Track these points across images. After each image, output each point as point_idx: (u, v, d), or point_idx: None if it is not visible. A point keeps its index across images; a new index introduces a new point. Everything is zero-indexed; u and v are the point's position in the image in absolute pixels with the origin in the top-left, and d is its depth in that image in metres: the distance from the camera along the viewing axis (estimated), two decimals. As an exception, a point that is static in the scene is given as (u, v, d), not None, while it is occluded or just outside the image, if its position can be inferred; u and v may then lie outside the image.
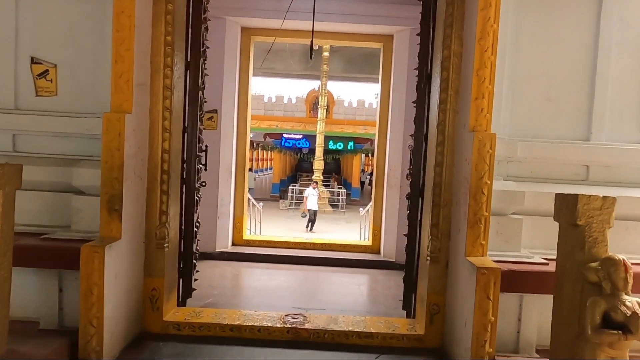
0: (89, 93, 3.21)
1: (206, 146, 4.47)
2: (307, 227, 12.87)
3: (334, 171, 30.77)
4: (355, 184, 22.16)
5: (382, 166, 6.29)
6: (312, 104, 21.15)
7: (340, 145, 21.72)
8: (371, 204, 9.09)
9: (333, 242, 6.44)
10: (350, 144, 21.65)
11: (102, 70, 3.06)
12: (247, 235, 6.54)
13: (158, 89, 3.19)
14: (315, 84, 20.49)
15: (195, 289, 3.88)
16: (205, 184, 4.48)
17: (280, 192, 21.67)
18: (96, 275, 2.60)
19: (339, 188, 19.87)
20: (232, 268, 5.48)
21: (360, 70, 19.98)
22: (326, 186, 19.51)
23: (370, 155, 37.53)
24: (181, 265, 3.62)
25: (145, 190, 3.20)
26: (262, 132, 21.69)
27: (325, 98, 17.94)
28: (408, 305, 3.62)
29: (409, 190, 3.60)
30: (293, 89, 21.94)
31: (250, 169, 39.44)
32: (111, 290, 2.72)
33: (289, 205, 17.99)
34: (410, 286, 3.62)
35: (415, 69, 3.64)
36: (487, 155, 2.73)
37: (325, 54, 17.03)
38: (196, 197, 3.79)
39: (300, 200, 18.70)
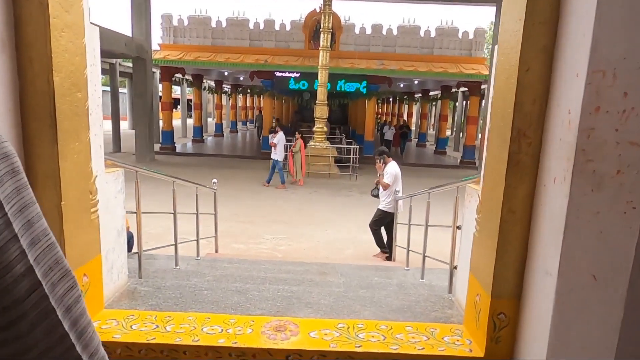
0: None
1: None
2: (384, 248, 6.03)
3: (340, 121, 26.03)
4: (369, 136, 17.47)
5: (517, 132, 1.75)
6: (313, 30, 16.07)
7: (359, 87, 16.72)
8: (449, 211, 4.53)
9: None
10: (353, 85, 16.69)
11: None
12: None
13: None
14: (315, 3, 15.33)
15: None
16: None
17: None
18: None
19: (348, 142, 15.28)
20: None
21: (378, -20, 14.68)
22: (331, 140, 14.94)
23: (381, 101, 32.29)
24: None
25: None
26: (248, 71, 16.79)
27: (330, 19, 12.92)
28: None
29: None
30: (287, 11, 16.81)
31: (244, 122, 34.79)
32: None
33: (282, 167, 13.53)
34: None
35: None
36: None
37: (330, -51, 11.86)
38: None
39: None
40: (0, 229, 0.47)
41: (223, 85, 26.49)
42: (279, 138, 11.50)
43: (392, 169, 5.90)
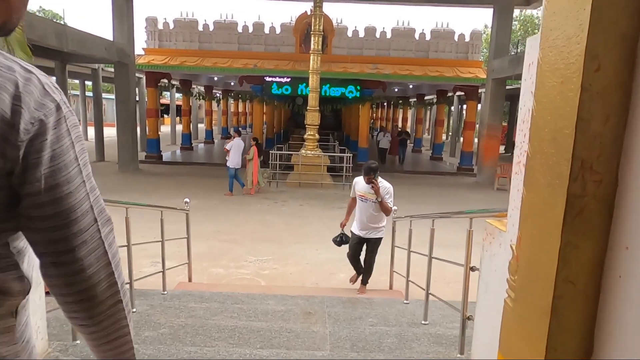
0: None
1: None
2: (360, 278, 5.16)
3: (333, 127, 25.42)
4: (363, 143, 16.87)
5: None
6: (304, 34, 15.49)
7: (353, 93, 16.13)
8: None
9: None
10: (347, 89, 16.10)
11: None
12: None
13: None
14: (306, 6, 14.77)
15: None
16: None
17: (263, 156, 16.46)
18: None
19: (342, 149, 14.68)
20: None
21: (371, -19, 14.17)
22: (324, 148, 14.33)
23: (376, 106, 31.76)
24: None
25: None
26: (237, 76, 16.16)
27: (321, 21, 12.36)
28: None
29: None
30: (277, 14, 16.21)
31: (236, 128, 34.29)
32: None
33: (271, 177, 12.90)
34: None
35: None
36: None
37: (320, -53, 11.30)
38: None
39: (289, 169, 13.60)
40: (76, 173, 0.68)
41: (213, 91, 25.83)
42: (232, 144, 10.83)
43: (389, 187, 4.71)
